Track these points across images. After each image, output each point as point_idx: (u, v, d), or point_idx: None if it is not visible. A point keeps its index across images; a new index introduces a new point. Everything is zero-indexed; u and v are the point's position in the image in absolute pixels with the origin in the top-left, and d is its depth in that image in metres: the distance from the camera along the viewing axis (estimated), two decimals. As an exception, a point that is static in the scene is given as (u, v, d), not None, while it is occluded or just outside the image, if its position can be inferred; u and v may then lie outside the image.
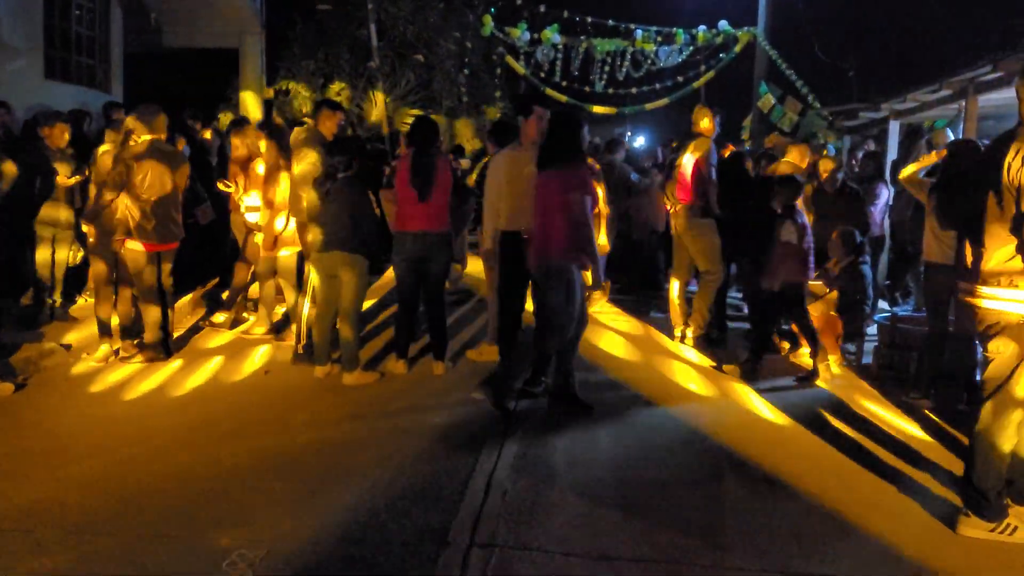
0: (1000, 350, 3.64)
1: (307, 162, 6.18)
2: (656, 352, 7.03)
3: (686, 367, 6.57)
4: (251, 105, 14.90)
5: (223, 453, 4.57)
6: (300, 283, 6.66)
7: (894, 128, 9.92)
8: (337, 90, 15.23)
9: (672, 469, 4.48)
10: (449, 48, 16.58)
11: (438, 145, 6.47)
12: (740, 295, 8.61)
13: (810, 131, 15.00)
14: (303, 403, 5.52)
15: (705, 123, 7.11)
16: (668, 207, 7.36)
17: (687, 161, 7.02)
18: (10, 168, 6.69)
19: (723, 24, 16.95)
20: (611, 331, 7.73)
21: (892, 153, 9.59)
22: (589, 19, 15.94)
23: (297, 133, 6.60)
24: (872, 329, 6.98)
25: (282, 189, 6.45)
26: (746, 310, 7.98)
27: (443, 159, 6.36)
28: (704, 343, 7.19)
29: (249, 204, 7.00)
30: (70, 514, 3.76)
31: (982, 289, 3.66)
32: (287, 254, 6.70)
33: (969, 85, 7.91)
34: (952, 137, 7.87)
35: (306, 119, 6.89)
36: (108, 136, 6.84)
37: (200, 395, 5.71)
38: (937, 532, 3.77)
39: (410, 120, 15.10)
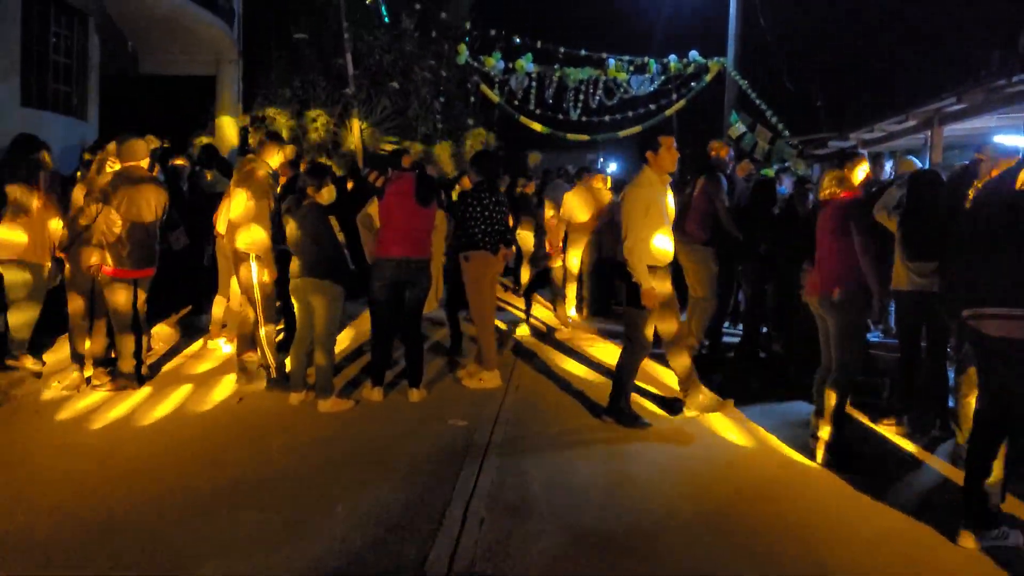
0: None
1: (244, 196, 6.28)
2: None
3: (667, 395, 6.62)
4: (227, 132, 14.90)
5: (197, 482, 4.53)
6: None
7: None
8: (313, 116, 15.27)
9: (650, 499, 4.50)
10: (424, 76, 16.70)
11: (495, 181, 6.66)
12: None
13: (780, 159, 15.25)
14: (278, 431, 5.49)
15: (718, 156, 7.38)
16: None
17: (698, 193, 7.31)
18: None
19: (693, 54, 17.25)
20: (588, 356, 7.77)
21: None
22: (562, 49, 16.14)
23: (242, 164, 6.67)
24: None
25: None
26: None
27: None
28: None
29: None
30: (39, 545, 3.70)
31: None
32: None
33: (934, 116, 8.12)
34: (918, 165, 8.02)
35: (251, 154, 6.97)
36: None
37: (173, 423, 5.65)
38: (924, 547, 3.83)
39: (387, 147, 15.19)
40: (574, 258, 9.62)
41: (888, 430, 5.72)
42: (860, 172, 5.84)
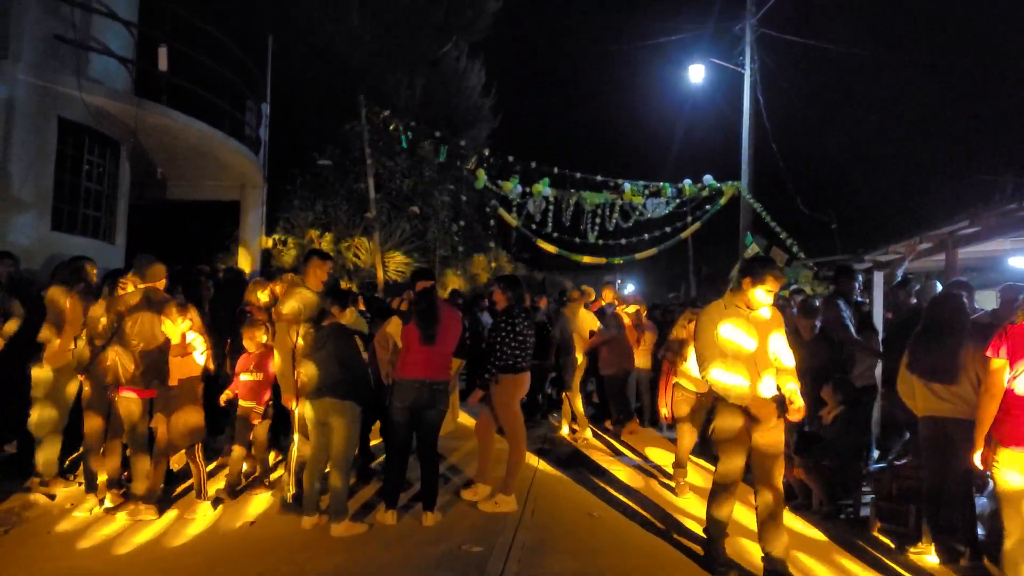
0: None
1: (294, 302, 6.25)
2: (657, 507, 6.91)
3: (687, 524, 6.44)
4: (250, 254, 15.20)
5: (205, 611, 4.41)
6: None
7: (878, 279, 10.14)
8: (330, 239, 15.67)
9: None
10: (443, 200, 17.20)
11: (522, 304, 6.76)
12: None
13: (796, 280, 15.32)
14: (289, 556, 5.36)
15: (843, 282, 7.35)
16: None
17: None
18: (18, 310, 6.76)
19: (708, 178, 17.60)
20: (608, 479, 7.62)
21: (878, 303, 9.77)
22: (578, 174, 16.55)
23: (286, 280, 6.82)
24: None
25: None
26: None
27: (453, 309, 6.51)
28: None
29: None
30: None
31: None
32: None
33: (948, 239, 8.16)
34: (939, 287, 8.02)
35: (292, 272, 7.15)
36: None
37: (182, 548, 5.55)
38: None
39: (403, 268, 15.47)
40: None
41: (918, 558, 5.52)
42: None
